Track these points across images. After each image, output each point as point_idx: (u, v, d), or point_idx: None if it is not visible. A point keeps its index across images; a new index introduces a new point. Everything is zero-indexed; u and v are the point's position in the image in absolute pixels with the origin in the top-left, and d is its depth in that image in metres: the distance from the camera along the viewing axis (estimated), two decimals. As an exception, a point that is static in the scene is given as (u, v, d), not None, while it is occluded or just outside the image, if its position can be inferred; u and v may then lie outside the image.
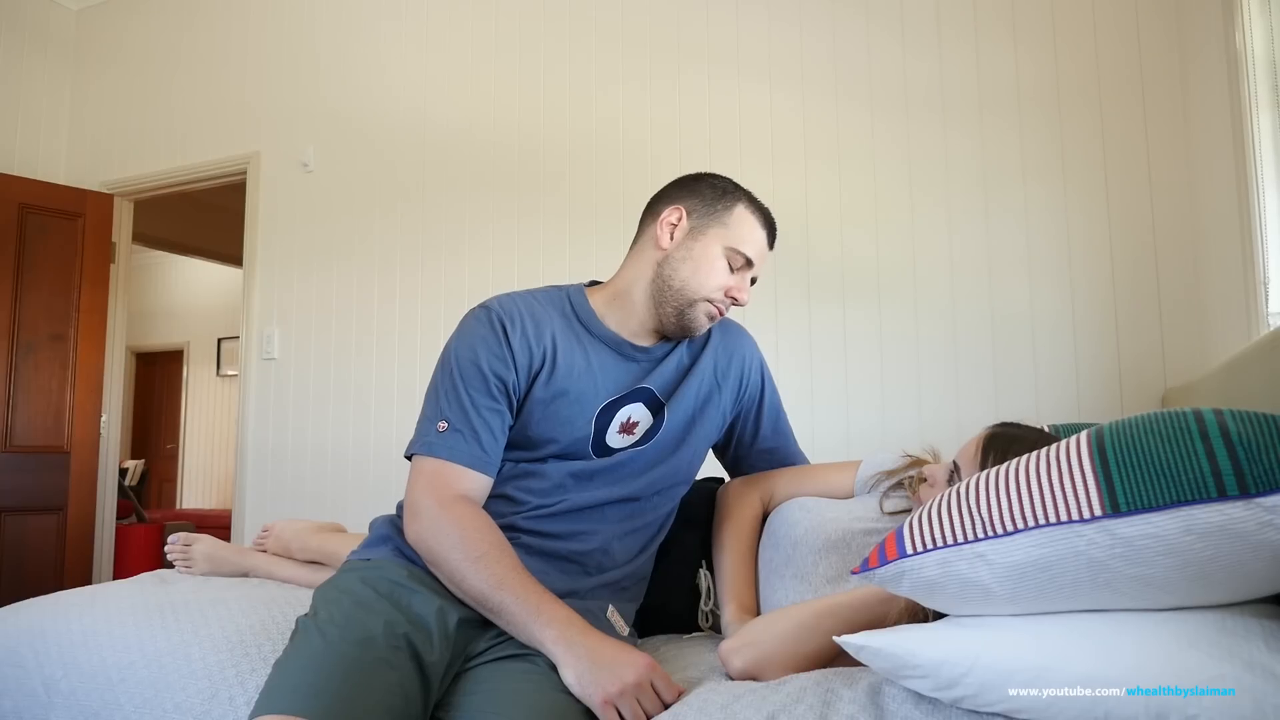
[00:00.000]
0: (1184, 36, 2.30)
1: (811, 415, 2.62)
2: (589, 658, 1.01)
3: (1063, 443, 0.86)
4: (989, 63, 2.53)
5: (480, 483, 1.21)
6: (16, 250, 3.70)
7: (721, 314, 1.32)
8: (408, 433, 1.24)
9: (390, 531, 1.24)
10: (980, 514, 0.85)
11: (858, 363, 2.62)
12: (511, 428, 1.26)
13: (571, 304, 1.34)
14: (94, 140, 4.10)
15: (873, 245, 2.63)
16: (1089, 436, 0.84)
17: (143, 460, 7.95)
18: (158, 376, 8.28)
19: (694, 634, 1.38)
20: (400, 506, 1.33)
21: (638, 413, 1.31)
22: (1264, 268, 1.74)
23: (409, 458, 1.23)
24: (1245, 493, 0.72)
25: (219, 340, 7.71)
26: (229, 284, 7.20)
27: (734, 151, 2.82)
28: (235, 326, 6.01)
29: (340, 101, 3.52)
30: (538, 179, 3.12)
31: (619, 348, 1.32)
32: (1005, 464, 0.89)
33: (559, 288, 1.38)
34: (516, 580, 1.09)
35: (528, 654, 1.08)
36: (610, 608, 1.23)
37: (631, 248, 1.37)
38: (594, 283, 1.40)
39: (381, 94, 3.44)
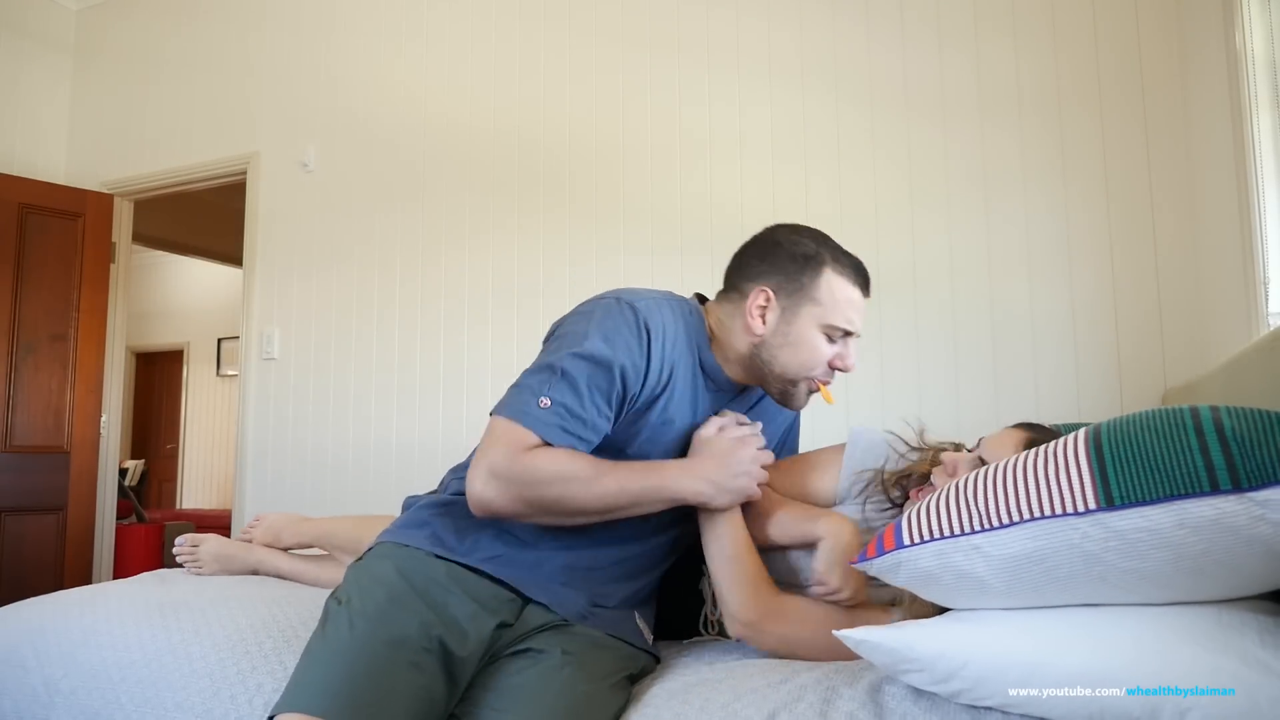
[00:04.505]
0: (1184, 36, 2.30)
1: (812, 415, 2.61)
2: (708, 477, 1.16)
3: (1061, 439, 0.87)
4: (989, 63, 2.54)
5: None
6: (16, 250, 3.70)
7: (826, 384, 1.28)
8: (408, 433, 1.24)
9: (428, 516, 1.18)
10: (977, 507, 0.85)
11: (858, 362, 2.62)
12: (606, 434, 1.18)
13: (694, 329, 1.26)
14: (94, 140, 4.10)
15: (873, 245, 2.63)
16: (1086, 432, 0.85)
17: (143, 460, 7.95)
18: (158, 376, 8.28)
19: (695, 639, 1.38)
20: (446, 485, 1.26)
21: None
22: (1264, 268, 1.74)
23: (491, 415, 1.16)
24: (1238, 487, 0.72)
25: (219, 340, 7.71)
26: (229, 284, 7.20)
27: (734, 151, 2.82)
28: (235, 326, 6.00)
29: (340, 101, 3.52)
30: (538, 178, 3.12)
31: (722, 387, 1.28)
32: (1004, 460, 0.90)
33: (684, 301, 1.30)
34: (627, 474, 1.14)
35: (538, 649, 1.08)
36: (635, 614, 1.23)
37: (722, 300, 1.29)
38: (699, 295, 1.35)
39: (381, 94, 3.44)
